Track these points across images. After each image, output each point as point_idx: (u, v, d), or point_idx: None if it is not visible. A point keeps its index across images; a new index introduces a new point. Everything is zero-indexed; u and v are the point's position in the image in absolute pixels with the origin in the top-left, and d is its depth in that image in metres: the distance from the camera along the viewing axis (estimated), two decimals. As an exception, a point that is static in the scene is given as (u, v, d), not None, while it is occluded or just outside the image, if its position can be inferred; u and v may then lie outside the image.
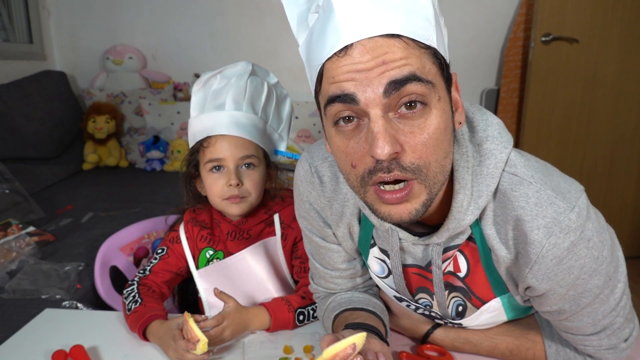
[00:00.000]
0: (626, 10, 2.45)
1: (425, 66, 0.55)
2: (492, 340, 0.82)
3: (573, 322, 0.70)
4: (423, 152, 0.55)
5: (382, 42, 0.54)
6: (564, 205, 0.60)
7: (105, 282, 1.27)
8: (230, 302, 0.92)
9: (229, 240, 1.10)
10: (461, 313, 0.78)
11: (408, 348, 0.87)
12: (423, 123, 0.55)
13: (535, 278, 0.64)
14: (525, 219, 0.61)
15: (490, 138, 0.65)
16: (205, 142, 1.03)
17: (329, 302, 0.88)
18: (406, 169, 0.55)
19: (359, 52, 0.54)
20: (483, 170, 0.64)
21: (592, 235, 0.62)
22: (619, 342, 0.72)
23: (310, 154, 0.80)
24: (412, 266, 0.76)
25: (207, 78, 1.06)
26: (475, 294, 0.74)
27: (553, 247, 0.61)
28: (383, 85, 0.53)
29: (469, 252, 0.71)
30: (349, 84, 0.54)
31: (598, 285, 0.65)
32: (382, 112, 0.54)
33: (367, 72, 0.54)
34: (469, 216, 0.64)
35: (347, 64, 0.54)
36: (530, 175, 0.63)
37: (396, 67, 0.53)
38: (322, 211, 0.80)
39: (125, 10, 2.98)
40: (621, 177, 2.66)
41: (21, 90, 2.51)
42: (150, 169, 2.72)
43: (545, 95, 2.57)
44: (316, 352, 0.87)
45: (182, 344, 0.81)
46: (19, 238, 1.57)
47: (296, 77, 2.87)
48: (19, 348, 0.90)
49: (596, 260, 0.63)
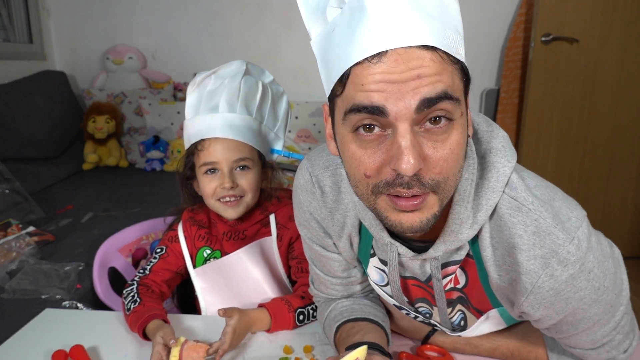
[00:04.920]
0: (626, 10, 2.45)
1: (455, 83, 0.53)
2: (493, 342, 0.81)
3: (571, 341, 0.70)
4: (444, 167, 0.54)
5: (418, 54, 0.51)
6: (564, 236, 0.58)
7: (104, 283, 1.27)
8: (235, 314, 0.88)
9: (225, 240, 1.10)
10: (463, 327, 0.77)
11: (408, 348, 0.87)
12: (446, 138, 0.53)
13: (531, 306, 0.63)
14: (522, 248, 0.60)
15: (494, 150, 0.63)
16: (199, 145, 1.03)
17: (329, 310, 0.88)
18: (425, 185, 0.54)
19: (394, 61, 0.51)
20: (485, 184, 0.62)
21: (593, 267, 0.60)
22: (618, 354, 0.71)
23: (311, 162, 0.78)
24: (411, 278, 0.75)
25: (202, 79, 1.06)
26: (472, 304, 0.74)
27: (549, 278, 0.59)
28: (417, 102, 0.51)
29: (468, 267, 0.70)
30: (379, 95, 0.51)
31: (598, 312, 0.64)
32: (410, 127, 0.52)
33: (400, 84, 0.51)
34: (466, 230, 0.62)
35: (379, 73, 0.51)
36: (530, 201, 0.60)
37: (430, 84, 0.51)
38: (323, 221, 0.78)
39: (125, 10, 2.98)
40: (621, 177, 2.66)
41: (21, 90, 2.50)
42: (150, 169, 2.72)
43: (545, 95, 2.57)
44: (316, 352, 0.87)
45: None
46: (19, 238, 1.56)
47: (296, 77, 2.87)
48: (19, 348, 0.90)
49: (597, 291, 0.61)
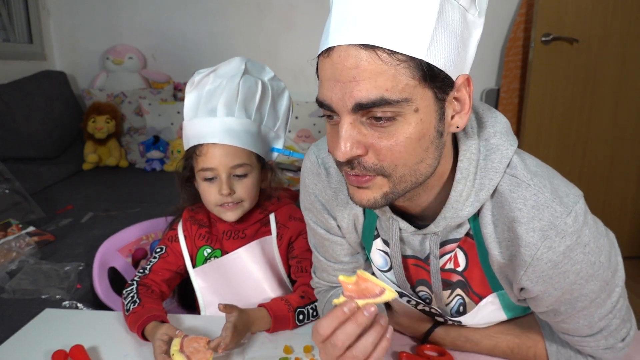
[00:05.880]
0: (626, 10, 2.45)
1: (399, 84, 0.54)
2: (493, 339, 0.82)
3: (569, 324, 0.70)
4: (387, 156, 0.57)
5: (355, 53, 0.53)
6: (561, 209, 0.60)
7: (104, 283, 1.27)
8: (234, 311, 0.88)
9: (225, 239, 1.10)
10: (462, 312, 0.78)
11: (408, 348, 0.87)
12: (393, 131, 0.56)
13: (530, 280, 0.64)
14: (522, 221, 0.61)
15: (497, 134, 0.66)
16: (197, 150, 1.03)
17: (330, 296, 0.89)
18: (367, 169, 0.58)
19: (337, 57, 0.55)
20: (488, 165, 0.64)
21: (589, 241, 0.62)
22: (616, 342, 0.72)
23: (318, 147, 0.83)
24: (411, 257, 0.77)
25: (200, 78, 1.05)
26: (472, 288, 0.75)
27: (548, 250, 0.61)
28: (352, 104, 0.55)
29: (467, 247, 0.71)
30: (328, 92, 0.57)
31: (594, 290, 0.65)
32: (351, 119, 0.56)
33: (341, 83, 0.55)
34: (467, 207, 0.65)
35: (328, 68, 0.56)
36: (530, 177, 0.63)
37: (364, 89, 0.53)
38: (327, 203, 0.81)
39: (125, 10, 2.98)
40: (621, 177, 2.66)
41: (21, 90, 2.50)
42: (150, 169, 2.72)
43: (545, 95, 2.57)
44: (316, 352, 0.87)
45: (160, 359, 0.82)
46: (19, 238, 1.56)
47: (296, 77, 2.87)
48: (19, 348, 0.90)
49: (593, 266, 0.63)
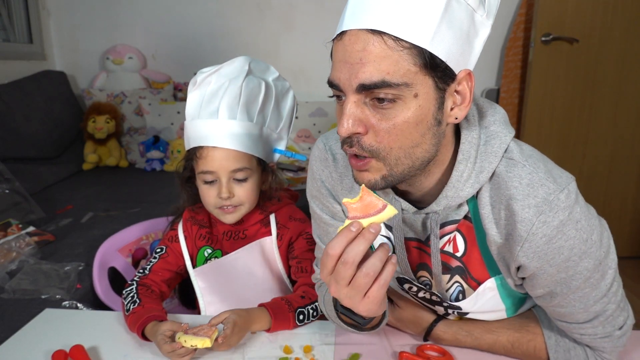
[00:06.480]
0: (626, 10, 2.45)
1: (401, 69, 0.59)
2: (494, 333, 0.84)
3: (565, 308, 0.72)
4: (384, 138, 0.62)
5: (364, 37, 0.58)
6: (554, 186, 0.65)
7: (104, 283, 1.27)
8: (227, 313, 0.88)
9: (225, 240, 1.10)
10: (460, 299, 0.79)
11: (408, 348, 0.88)
12: (392, 114, 0.61)
13: (526, 256, 0.66)
14: (517, 198, 0.65)
15: (497, 122, 0.72)
16: (198, 152, 1.02)
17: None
18: (364, 149, 0.63)
19: (348, 40, 0.60)
20: (488, 149, 0.69)
21: (581, 218, 0.66)
22: (613, 329, 0.74)
23: (326, 136, 0.87)
24: (412, 240, 0.79)
25: (203, 78, 1.03)
26: (471, 273, 0.76)
27: (543, 224, 0.64)
28: (356, 84, 0.60)
29: (466, 231, 0.74)
30: (338, 72, 0.62)
31: (588, 268, 0.67)
32: (355, 99, 0.62)
33: (349, 64, 0.60)
34: (467, 188, 0.69)
35: (340, 50, 0.61)
36: (524, 159, 0.68)
37: (367, 72, 0.59)
38: (333, 188, 0.84)
39: (125, 10, 2.98)
40: (621, 177, 2.66)
41: (21, 90, 2.50)
42: (150, 169, 2.72)
43: (545, 95, 2.57)
44: (316, 352, 0.87)
45: (167, 348, 0.83)
46: (19, 238, 1.56)
47: (296, 77, 2.87)
48: (19, 348, 0.90)
49: (585, 243, 0.66)
